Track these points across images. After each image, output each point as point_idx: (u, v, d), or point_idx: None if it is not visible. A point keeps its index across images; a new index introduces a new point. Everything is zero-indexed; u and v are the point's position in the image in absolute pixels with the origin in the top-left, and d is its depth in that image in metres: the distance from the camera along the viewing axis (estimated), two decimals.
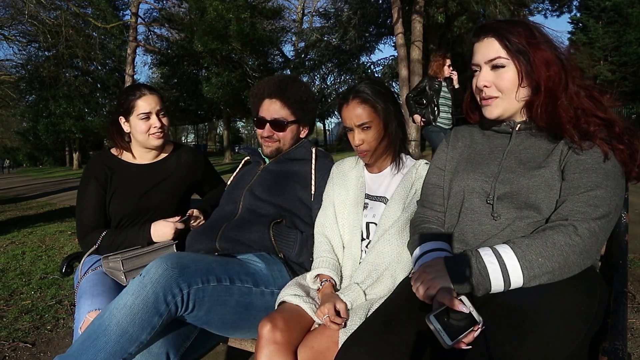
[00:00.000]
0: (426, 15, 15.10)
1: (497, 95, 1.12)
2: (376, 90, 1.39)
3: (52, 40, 17.57)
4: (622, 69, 24.10)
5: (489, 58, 1.10)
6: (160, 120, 1.71)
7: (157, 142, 1.73)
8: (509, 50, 1.08)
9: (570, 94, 1.08)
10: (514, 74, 1.09)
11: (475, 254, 1.00)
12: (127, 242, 1.62)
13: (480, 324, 0.92)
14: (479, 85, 1.14)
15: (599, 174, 1.00)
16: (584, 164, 1.02)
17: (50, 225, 6.17)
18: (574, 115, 1.06)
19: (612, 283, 1.13)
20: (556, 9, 19.54)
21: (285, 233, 1.53)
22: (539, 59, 1.06)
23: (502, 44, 1.08)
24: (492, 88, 1.12)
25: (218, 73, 19.75)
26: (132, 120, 1.70)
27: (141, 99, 1.68)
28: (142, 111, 1.67)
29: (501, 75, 1.10)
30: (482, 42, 1.12)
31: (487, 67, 1.12)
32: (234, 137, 47.60)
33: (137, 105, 1.67)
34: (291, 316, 1.22)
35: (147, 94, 1.69)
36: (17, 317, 2.79)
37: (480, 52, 1.12)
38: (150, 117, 1.69)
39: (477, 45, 1.13)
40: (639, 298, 2.64)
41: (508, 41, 1.07)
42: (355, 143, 1.40)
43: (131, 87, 1.74)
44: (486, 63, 1.11)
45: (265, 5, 21.31)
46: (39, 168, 41.26)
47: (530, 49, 1.06)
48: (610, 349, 0.97)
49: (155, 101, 1.70)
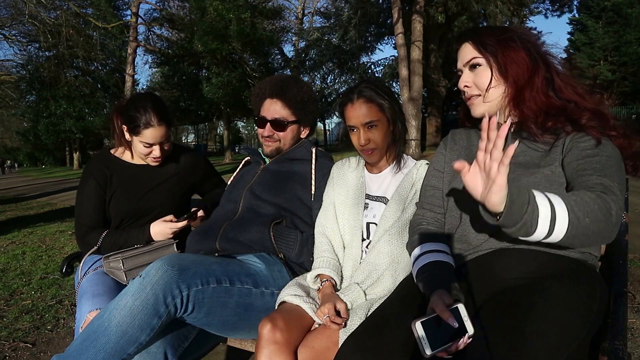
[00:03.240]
0: (426, 15, 15.12)
1: (477, 94, 1.18)
2: (381, 90, 1.40)
3: (52, 41, 17.59)
4: (622, 69, 24.07)
5: (466, 60, 1.18)
6: (161, 149, 1.68)
7: (154, 164, 1.74)
8: (480, 50, 1.15)
9: (559, 87, 1.13)
10: (489, 72, 1.15)
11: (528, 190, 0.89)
12: (128, 243, 1.63)
13: (471, 333, 0.91)
14: (460, 87, 1.20)
15: (601, 156, 1.02)
16: (585, 150, 1.04)
17: (50, 225, 6.18)
18: (537, 110, 1.11)
19: (612, 283, 1.13)
20: (556, 8, 19.54)
21: (286, 233, 1.53)
22: (508, 56, 1.13)
23: (475, 46, 1.16)
24: (473, 87, 1.18)
25: (218, 73, 19.74)
26: (134, 139, 1.66)
27: (148, 130, 1.60)
28: (146, 141, 1.63)
29: (478, 74, 1.17)
30: (461, 48, 1.20)
31: (466, 69, 1.19)
32: (234, 137, 47.64)
33: (143, 133, 1.61)
34: (291, 316, 1.22)
35: (156, 126, 1.60)
36: (18, 317, 2.79)
37: (460, 57, 1.21)
38: (152, 147, 1.66)
39: (458, 52, 1.21)
40: (639, 298, 2.64)
41: (480, 43, 1.15)
42: (361, 142, 1.40)
43: (142, 103, 1.61)
44: (464, 65, 1.19)
45: (265, 5, 21.30)
46: (40, 168, 41.29)
47: (500, 46, 1.13)
48: (610, 349, 0.98)
49: (161, 134, 1.64)
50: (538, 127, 1.10)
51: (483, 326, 0.96)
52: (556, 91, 1.13)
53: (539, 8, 19.39)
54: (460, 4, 15.34)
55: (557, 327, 0.89)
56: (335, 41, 20.15)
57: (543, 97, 1.12)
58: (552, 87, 1.13)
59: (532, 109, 1.11)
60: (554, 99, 1.12)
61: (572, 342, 0.90)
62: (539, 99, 1.12)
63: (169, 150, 1.75)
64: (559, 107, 1.10)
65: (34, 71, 24.02)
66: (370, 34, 20.55)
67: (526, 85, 1.12)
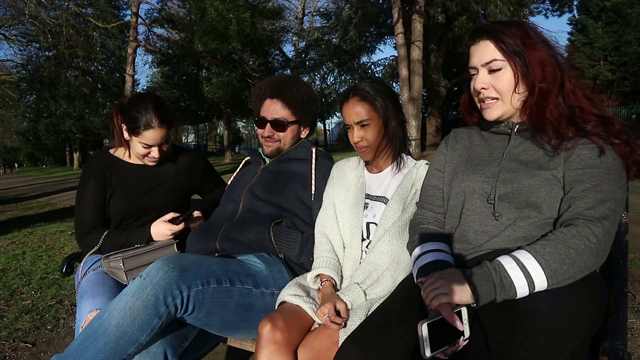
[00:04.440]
0: (426, 15, 15.13)
1: (496, 97, 1.13)
2: (376, 89, 1.40)
3: (52, 40, 17.58)
4: (622, 69, 24.08)
5: (485, 61, 1.11)
6: (160, 151, 1.68)
7: (150, 164, 1.73)
8: (504, 52, 1.08)
9: (567, 93, 1.09)
10: (510, 76, 1.09)
11: (498, 267, 0.96)
12: (129, 243, 1.63)
13: (467, 336, 0.94)
14: (477, 88, 1.14)
15: (601, 168, 1.01)
16: (585, 159, 1.03)
17: (50, 225, 6.18)
18: (558, 117, 1.08)
19: (612, 283, 1.13)
20: (556, 9, 19.55)
21: (286, 233, 1.53)
22: (534, 59, 1.07)
23: (498, 46, 1.09)
24: (490, 90, 1.12)
25: (218, 73, 19.74)
26: (133, 139, 1.65)
27: (148, 131, 1.59)
28: (145, 142, 1.63)
29: (498, 77, 1.10)
30: (478, 45, 1.13)
31: (484, 69, 1.12)
32: (234, 137, 47.62)
33: (143, 134, 1.60)
34: (291, 316, 1.22)
35: (156, 128, 1.60)
36: (18, 317, 2.79)
37: (477, 55, 1.13)
38: (151, 147, 1.66)
39: (473, 48, 1.14)
40: (639, 298, 2.64)
41: (503, 43, 1.08)
42: (354, 140, 1.42)
43: (143, 103, 1.60)
44: (483, 66, 1.12)
45: (265, 5, 21.31)
46: (40, 168, 41.30)
47: (526, 49, 1.07)
48: (610, 349, 0.98)
49: (161, 136, 1.63)
50: (558, 134, 1.06)
51: (483, 326, 0.96)
52: (564, 97, 1.10)
53: (539, 8, 19.42)
54: (460, 4, 15.35)
55: (557, 327, 0.89)
56: (336, 41, 20.16)
57: (560, 105, 1.09)
58: (562, 93, 1.10)
59: (554, 115, 1.08)
60: (562, 106, 1.09)
61: (572, 342, 0.91)
62: (573, 101, 1.09)
63: (167, 151, 1.75)
64: (567, 115, 1.08)
65: (34, 71, 24.03)
66: (370, 34, 20.57)
67: (550, 91, 1.08)
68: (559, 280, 0.94)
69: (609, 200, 0.98)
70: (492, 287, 0.94)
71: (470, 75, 1.17)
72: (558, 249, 0.95)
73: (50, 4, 17.10)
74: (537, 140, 1.12)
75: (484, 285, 0.94)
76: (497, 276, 0.94)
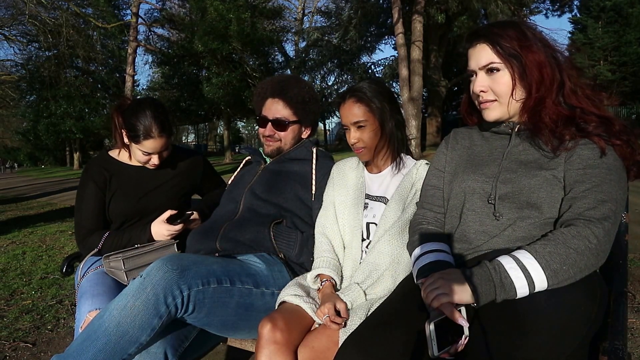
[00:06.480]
0: (426, 15, 15.13)
1: (494, 99, 1.13)
2: (373, 90, 1.40)
3: (52, 40, 17.59)
4: (622, 69, 24.07)
5: (483, 64, 1.12)
6: (160, 158, 1.68)
7: (150, 167, 1.74)
8: (500, 55, 1.09)
9: (568, 92, 1.10)
10: (508, 78, 1.10)
11: (498, 268, 0.96)
12: (131, 242, 1.63)
13: (467, 334, 0.95)
14: (475, 91, 1.15)
15: (601, 169, 1.01)
16: (586, 160, 1.03)
17: (50, 225, 6.18)
18: (556, 119, 1.08)
19: (612, 283, 1.13)
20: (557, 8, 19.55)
21: (286, 233, 1.53)
22: (531, 61, 1.07)
23: (494, 49, 1.10)
24: (489, 92, 1.13)
25: (218, 73, 19.74)
26: (133, 146, 1.65)
27: (148, 140, 1.60)
28: (145, 150, 1.63)
29: (497, 79, 1.11)
30: (475, 48, 1.14)
31: (482, 72, 1.13)
32: (235, 137, 47.61)
33: (142, 143, 1.61)
34: (291, 316, 1.22)
35: (156, 137, 1.60)
36: (18, 317, 2.79)
37: (474, 58, 1.14)
38: (151, 155, 1.66)
39: (470, 52, 1.15)
40: (639, 298, 2.64)
41: (499, 46, 1.09)
42: (351, 141, 1.42)
43: (143, 111, 1.59)
44: (480, 69, 1.13)
45: (265, 5, 21.30)
46: (40, 168, 41.30)
47: (522, 52, 1.08)
48: (610, 349, 0.98)
49: (161, 145, 1.64)
50: (555, 136, 1.07)
51: (483, 326, 0.96)
52: (565, 97, 1.10)
53: (539, 8, 19.41)
54: (460, 4, 15.34)
55: (558, 327, 0.89)
56: (336, 41, 20.15)
57: (559, 105, 1.09)
58: (562, 93, 1.10)
59: (551, 117, 1.08)
60: (562, 107, 1.09)
61: (572, 341, 0.91)
62: (574, 101, 1.09)
63: (168, 156, 1.75)
64: (568, 116, 1.08)
65: (34, 71, 24.01)
66: (370, 34, 20.57)
67: (548, 92, 1.08)
68: (559, 281, 0.94)
69: (610, 201, 0.98)
70: (492, 287, 0.94)
71: (469, 77, 1.18)
72: (558, 250, 0.95)
73: (50, 4, 17.11)
74: (537, 140, 1.12)
75: (484, 285, 0.94)
76: (497, 276, 0.94)
